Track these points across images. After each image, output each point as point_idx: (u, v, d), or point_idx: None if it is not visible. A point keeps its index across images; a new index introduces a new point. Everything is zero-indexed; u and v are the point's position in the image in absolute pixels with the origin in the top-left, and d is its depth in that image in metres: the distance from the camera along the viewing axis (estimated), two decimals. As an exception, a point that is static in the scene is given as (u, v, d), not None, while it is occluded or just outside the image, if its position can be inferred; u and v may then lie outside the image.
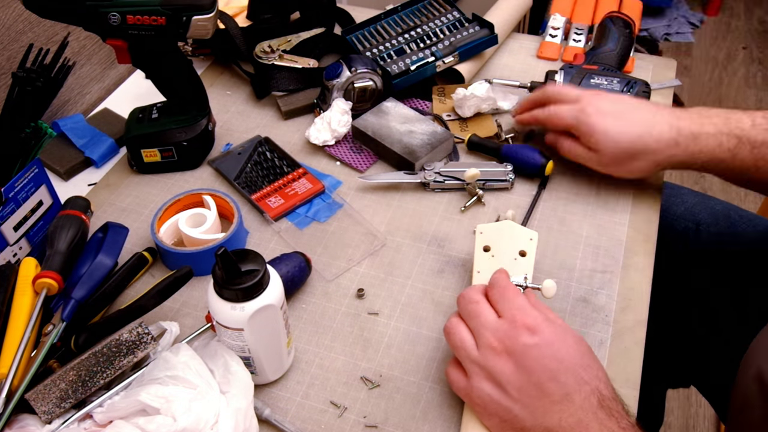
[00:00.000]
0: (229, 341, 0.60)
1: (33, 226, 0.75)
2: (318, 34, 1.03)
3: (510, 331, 0.57)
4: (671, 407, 1.61)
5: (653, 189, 0.84)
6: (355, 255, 0.78)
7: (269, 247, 0.79)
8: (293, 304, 0.73)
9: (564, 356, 0.56)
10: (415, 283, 0.75)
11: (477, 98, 0.91)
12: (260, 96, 0.99)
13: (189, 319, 0.72)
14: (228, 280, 0.56)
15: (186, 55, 0.84)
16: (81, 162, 0.90)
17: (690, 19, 2.84)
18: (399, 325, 0.71)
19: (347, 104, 0.91)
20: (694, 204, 0.94)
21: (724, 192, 2.13)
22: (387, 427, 0.63)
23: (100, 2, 0.73)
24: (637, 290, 0.73)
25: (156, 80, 0.84)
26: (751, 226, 0.90)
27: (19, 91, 0.80)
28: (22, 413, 0.60)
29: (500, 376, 0.56)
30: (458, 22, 1.02)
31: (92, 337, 0.63)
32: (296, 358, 0.68)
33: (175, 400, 0.56)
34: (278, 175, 0.86)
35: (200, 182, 0.88)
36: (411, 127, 0.89)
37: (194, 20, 0.76)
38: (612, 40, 0.93)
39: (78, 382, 0.59)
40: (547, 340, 0.56)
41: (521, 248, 0.69)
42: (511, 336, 0.57)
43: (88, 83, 1.03)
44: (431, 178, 0.84)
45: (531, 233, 0.70)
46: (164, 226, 0.77)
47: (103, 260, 0.68)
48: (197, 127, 0.87)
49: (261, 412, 0.62)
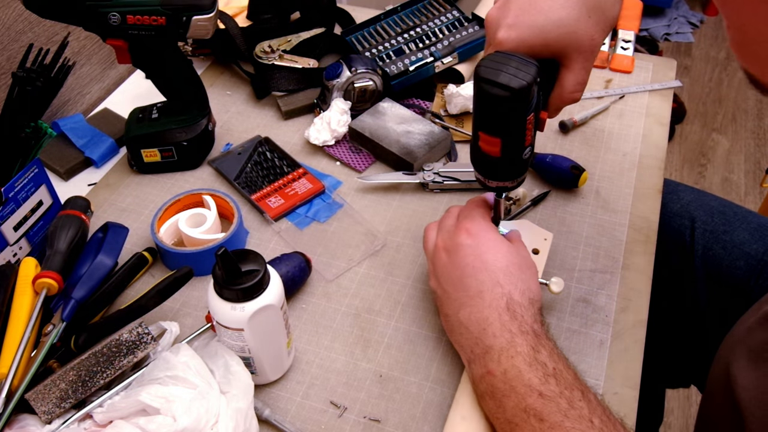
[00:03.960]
0: (229, 341, 0.60)
1: (33, 226, 0.75)
2: (318, 34, 1.03)
3: (453, 233, 0.66)
4: (671, 407, 1.61)
5: (653, 189, 0.84)
6: (355, 255, 0.78)
7: (269, 247, 0.79)
8: (293, 304, 0.73)
9: (489, 260, 0.62)
10: (415, 283, 0.75)
11: (462, 97, 0.91)
12: (260, 96, 0.99)
13: (189, 319, 0.72)
14: (228, 280, 0.56)
15: (186, 55, 0.84)
16: (81, 162, 0.90)
17: (690, 19, 2.84)
18: (399, 325, 0.71)
19: (346, 104, 0.91)
20: (690, 201, 0.94)
21: (724, 191, 2.14)
22: (387, 427, 0.63)
23: (100, 2, 0.73)
24: (637, 290, 0.73)
25: (156, 80, 0.84)
26: (746, 223, 0.90)
27: (19, 91, 0.80)
28: (22, 413, 0.60)
29: (437, 269, 0.66)
30: (458, 22, 1.02)
31: (92, 337, 0.63)
32: (296, 358, 0.68)
33: (175, 400, 0.56)
34: (278, 175, 0.86)
35: (200, 182, 0.88)
36: (408, 127, 0.89)
37: (194, 20, 0.76)
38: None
39: (78, 382, 0.59)
40: (479, 243, 0.63)
41: (535, 246, 0.70)
42: (453, 236, 0.65)
43: (88, 83, 1.03)
44: (430, 178, 0.84)
45: (546, 233, 0.71)
46: (164, 226, 0.77)
47: (103, 260, 0.68)
48: (197, 127, 0.87)
49: (261, 412, 0.62)
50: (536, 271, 0.65)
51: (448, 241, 0.66)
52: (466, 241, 0.64)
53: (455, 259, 0.64)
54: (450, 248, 0.65)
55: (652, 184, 0.85)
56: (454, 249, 0.64)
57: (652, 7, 2.74)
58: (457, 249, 0.64)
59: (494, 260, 0.62)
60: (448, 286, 0.64)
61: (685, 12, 2.86)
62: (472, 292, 0.61)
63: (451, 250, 0.65)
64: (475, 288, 0.61)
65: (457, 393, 0.63)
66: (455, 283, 0.63)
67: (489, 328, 0.59)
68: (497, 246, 0.63)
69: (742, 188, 2.16)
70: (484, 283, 0.61)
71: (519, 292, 0.61)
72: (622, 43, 1.05)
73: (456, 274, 0.63)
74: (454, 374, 0.66)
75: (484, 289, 0.61)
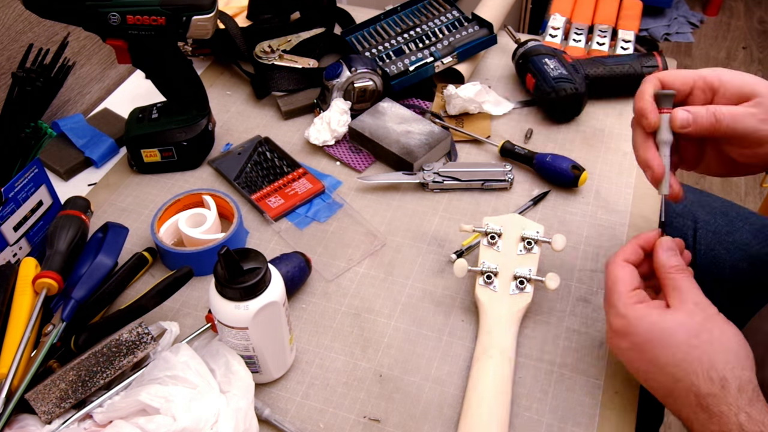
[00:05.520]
0: (232, 341, 0.60)
1: (33, 226, 0.75)
2: (318, 34, 1.03)
3: (608, 330, 0.58)
4: (671, 407, 1.60)
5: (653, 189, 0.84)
6: (355, 255, 0.78)
7: (269, 247, 0.79)
8: (293, 305, 0.73)
9: (655, 356, 0.54)
10: (415, 283, 0.75)
11: (461, 98, 0.91)
12: (260, 96, 0.99)
13: (189, 319, 0.72)
14: (231, 279, 0.56)
15: (186, 55, 0.84)
16: (81, 162, 0.90)
17: (690, 19, 2.84)
18: (399, 325, 0.71)
19: (346, 104, 0.91)
20: (692, 201, 0.94)
21: (725, 191, 2.14)
22: (387, 427, 0.63)
23: (100, 2, 0.73)
24: (636, 290, 0.73)
25: (156, 80, 0.84)
26: (748, 224, 0.90)
27: (19, 91, 0.80)
28: (22, 413, 0.60)
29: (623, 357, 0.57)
30: (457, 22, 1.02)
31: (92, 337, 0.63)
32: (296, 358, 0.68)
33: (175, 399, 0.56)
34: (278, 175, 0.86)
35: (200, 182, 0.88)
36: (408, 127, 0.89)
37: (194, 20, 0.76)
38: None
39: (78, 382, 0.59)
40: (635, 342, 0.55)
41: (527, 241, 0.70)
42: (610, 337, 0.58)
43: (88, 83, 1.03)
44: (430, 178, 0.84)
45: (537, 226, 0.71)
46: (164, 226, 0.77)
47: (103, 260, 0.68)
48: (197, 127, 0.87)
49: (261, 412, 0.62)
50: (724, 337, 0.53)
51: (612, 336, 0.58)
52: (621, 344, 0.57)
53: (626, 361, 0.58)
54: (616, 346, 0.58)
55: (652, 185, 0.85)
56: (619, 353, 0.58)
57: (652, 7, 2.74)
58: (619, 353, 0.58)
59: (661, 353, 0.53)
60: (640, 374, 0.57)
61: (685, 12, 2.86)
62: (660, 393, 0.55)
63: (618, 348, 0.58)
64: (661, 391, 0.55)
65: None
66: (644, 378, 0.57)
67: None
68: (657, 332, 0.54)
69: (742, 188, 2.16)
70: (665, 386, 0.54)
71: (704, 380, 0.51)
72: (622, 43, 1.05)
73: (639, 373, 0.57)
74: (454, 374, 0.66)
75: (669, 391, 0.54)
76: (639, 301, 0.57)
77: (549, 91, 0.91)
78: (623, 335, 0.56)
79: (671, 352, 0.53)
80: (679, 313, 0.54)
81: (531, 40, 0.98)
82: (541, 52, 0.95)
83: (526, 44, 0.98)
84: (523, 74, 0.97)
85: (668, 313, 0.55)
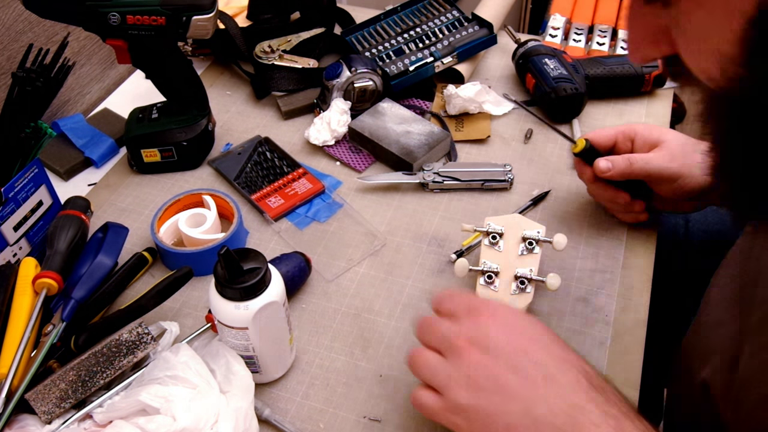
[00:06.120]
0: (232, 341, 0.60)
1: (33, 226, 0.75)
2: (318, 34, 1.03)
3: (469, 328, 0.53)
4: (671, 407, 1.60)
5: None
6: (355, 255, 0.78)
7: (269, 247, 0.79)
8: (293, 305, 0.73)
9: (529, 334, 0.52)
10: (415, 283, 0.75)
11: (461, 98, 0.91)
12: (260, 96, 0.99)
13: (189, 319, 0.72)
14: (231, 279, 0.56)
15: (186, 55, 0.84)
16: (81, 162, 0.90)
17: (690, 19, 2.84)
18: (399, 325, 0.71)
19: (346, 104, 0.91)
20: None
21: (724, 192, 2.13)
22: (387, 427, 0.63)
23: (100, 2, 0.73)
24: (637, 290, 0.73)
25: (156, 80, 0.84)
26: None
27: (19, 91, 0.80)
28: (22, 413, 0.60)
29: (471, 373, 0.50)
30: (457, 22, 1.02)
31: (92, 337, 0.63)
32: (296, 358, 0.68)
33: (175, 399, 0.56)
34: (278, 175, 0.86)
35: (200, 182, 0.88)
36: (408, 127, 0.89)
37: (194, 20, 0.76)
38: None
39: (78, 382, 0.59)
40: (507, 324, 0.53)
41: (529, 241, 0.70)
42: (473, 330, 0.52)
43: (88, 83, 1.03)
44: (430, 178, 0.84)
45: (538, 226, 0.71)
46: (164, 226, 0.77)
47: (103, 260, 0.68)
48: (197, 127, 0.87)
49: (261, 412, 0.62)
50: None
51: (473, 337, 0.52)
52: (493, 329, 0.52)
53: (494, 351, 0.51)
54: (479, 341, 0.51)
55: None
56: (483, 341, 0.51)
57: (652, 7, 2.73)
58: (486, 340, 0.52)
59: (536, 333, 0.52)
60: (496, 388, 0.49)
61: (685, 12, 2.86)
62: (538, 380, 0.49)
63: (482, 343, 0.51)
64: (539, 374, 0.49)
65: None
66: (506, 379, 0.50)
67: (584, 417, 0.47)
68: (522, 317, 0.54)
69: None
70: (546, 365, 0.50)
71: (588, 364, 0.50)
72: (622, 43, 1.05)
73: (501, 369, 0.50)
74: (454, 374, 0.66)
75: (551, 371, 0.49)
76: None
77: (549, 91, 0.91)
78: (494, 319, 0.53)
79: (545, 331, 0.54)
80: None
81: (531, 40, 0.98)
82: (541, 52, 0.95)
83: (526, 44, 0.98)
84: (523, 74, 0.97)
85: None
